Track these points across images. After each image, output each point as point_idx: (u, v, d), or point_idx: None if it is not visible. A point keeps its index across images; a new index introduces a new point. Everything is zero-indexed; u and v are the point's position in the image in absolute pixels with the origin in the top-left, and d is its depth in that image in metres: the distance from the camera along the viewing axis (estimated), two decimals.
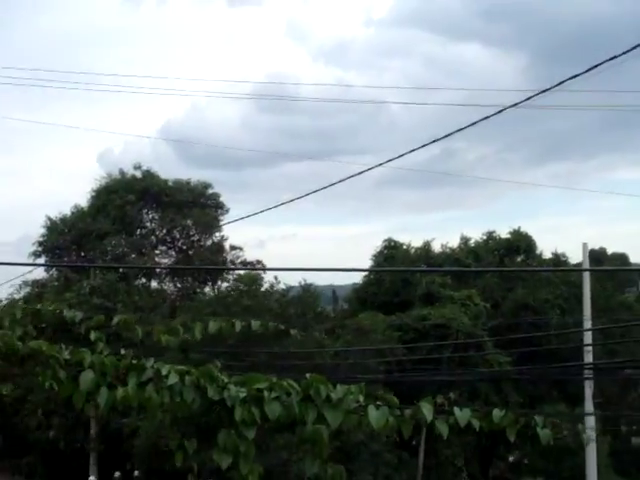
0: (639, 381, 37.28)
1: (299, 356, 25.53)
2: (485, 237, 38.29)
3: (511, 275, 35.33)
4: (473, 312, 31.25)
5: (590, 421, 27.78)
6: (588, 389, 27.63)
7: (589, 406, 27.95)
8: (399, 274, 36.62)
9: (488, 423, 5.90)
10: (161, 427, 26.82)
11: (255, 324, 7.15)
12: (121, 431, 26.81)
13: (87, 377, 4.98)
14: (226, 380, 5.36)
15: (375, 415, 5.40)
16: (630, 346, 36.74)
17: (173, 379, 5.15)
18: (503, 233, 38.04)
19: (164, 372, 5.17)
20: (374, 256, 38.23)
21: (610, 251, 73.49)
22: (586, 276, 26.66)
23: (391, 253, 37.92)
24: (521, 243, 36.93)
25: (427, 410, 5.54)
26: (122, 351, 5.40)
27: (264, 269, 31.88)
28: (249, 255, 35.00)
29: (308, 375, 5.56)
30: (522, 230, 37.59)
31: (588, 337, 27.54)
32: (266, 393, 5.28)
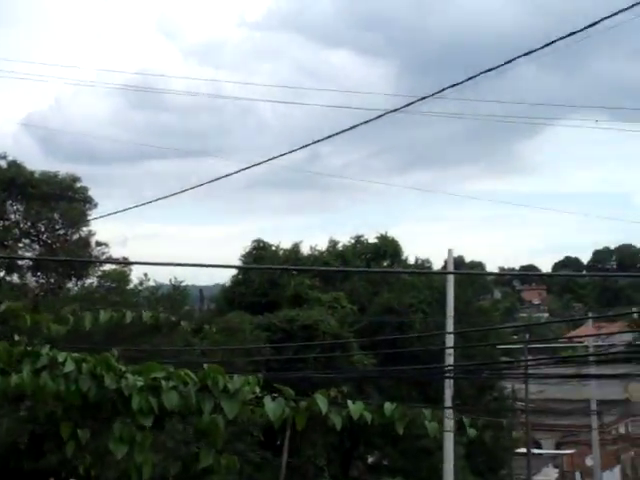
0: (494, 385, 38.85)
1: (166, 354, 25.27)
2: (353, 241, 38.97)
3: (377, 279, 36.08)
4: (340, 314, 31.71)
5: (449, 421, 28.69)
6: (448, 389, 28.47)
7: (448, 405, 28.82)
8: (267, 274, 36.77)
9: (380, 416, 6.08)
10: (20, 422, 26.00)
11: (146, 315, 7.11)
12: None
13: None
14: (123, 369, 5.31)
15: (272, 406, 5.48)
16: (486, 350, 38.26)
17: (70, 367, 5.07)
18: (371, 238, 38.86)
19: (60, 359, 5.08)
20: (243, 256, 38.19)
21: (467, 259, 76.06)
22: (450, 279, 27.52)
23: (260, 254, 37.99)
24: (388, 248, 37.77)
25: (322, 402, 5.66)
26: (16, 338, 5.27)
27: (144, 263, 31.24)
28: (114, 252, 34.32)
29: (205, 365, 5.58)
30: (389, 235, 38.53)
31: (450, 340, 28.40)
32: (164, 382, 5.27)
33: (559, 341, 64.95)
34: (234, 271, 38.25)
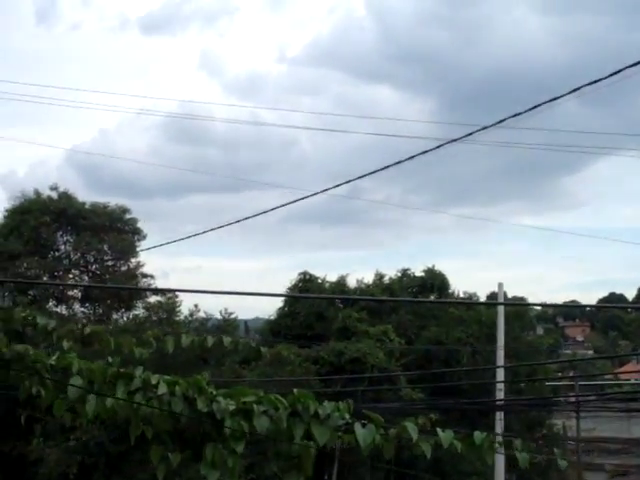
0: (543, 421, 38.21)
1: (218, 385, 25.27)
2: (400, 274, 38.81)
3: (424, 313, 35.86)
4: (388, 348, 31.49)
5: (499, 462, 28.18)
6: (499, 421, 28.01)
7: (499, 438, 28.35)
8: (314, 307, 36.73)
9: (469, 445, 5.94)
10: (68, 453, 26.08)
11: (226, 340, 7.07)
12: (24, 458, 25.89)
13: (76, 383, 4.81)
14: (214, 392, 5.26)
15: (362, 433, 5.37)
16: (535, 386, 37.73)
17: (163, 389, 5.03)
18: (417, 271, 38.68)
19: (153, 381, 5.04)
20: (289, 288, 38.15)
21: (510, 294, 75.41)
22: (501, 312, 27.26)
23: (306, 286, 37.94)
24: (435, 281, 37.55)
25: (412, 429, 5.54)
26: (109, 359, 5.24)
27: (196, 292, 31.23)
28: (159, 284, 34.53)
29: (295, 390, 5.50)
30: (436, 268, 38.31)
31: (500, 373, 28.05)
32: (255, 406, 5.20)
33: (606, 377, 63.99)
34: (279, 304, 38.29)
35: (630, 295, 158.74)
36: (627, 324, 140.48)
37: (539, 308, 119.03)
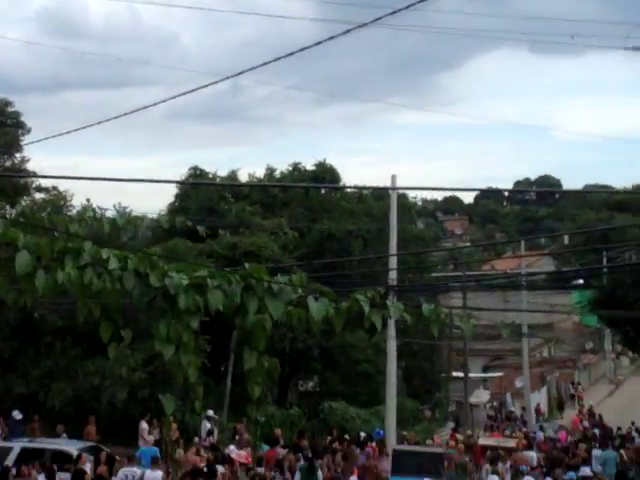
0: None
1: None
2: (291, 168, 38.59)
3: (317, 207, 36.01)
4: (282, 241, 31.60)
5: (392, 346, 29.02)
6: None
7: (391, 331, 29.11)
8: (205, 202, 36.35)
9: (418, 316, 5.97)
10: None
11: (163, 219, 6.83)
12: None
13: (23, 258, 4.53)
14: (166, 267, 5.09)
15: (316, 306, 5.32)
16: (424, 276, 38.85)
17: (114, 264, 4.81)
18: (308, 165, 38.52)
19: (104, 256, 4.81)
20: (180, 184, 37.58)
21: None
22: (394, 202, 27.51)
23: (197, 181, 37.41)
24: (326, 174, 37.54)
25: (364, 302, 5.53)
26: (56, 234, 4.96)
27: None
28: (42, 181, 33.27)
29: (247, 265, 5.39)
30: (327, 162, 38.25)
31: (393, 262, 28.53)
32: (209, 281, 5.07)
33: (484, 268, 66.52)
34: (169, 200, 37.72)
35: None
36: (503, 217, 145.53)
37: (420, 203, 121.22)
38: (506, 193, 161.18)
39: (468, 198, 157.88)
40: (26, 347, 25.66)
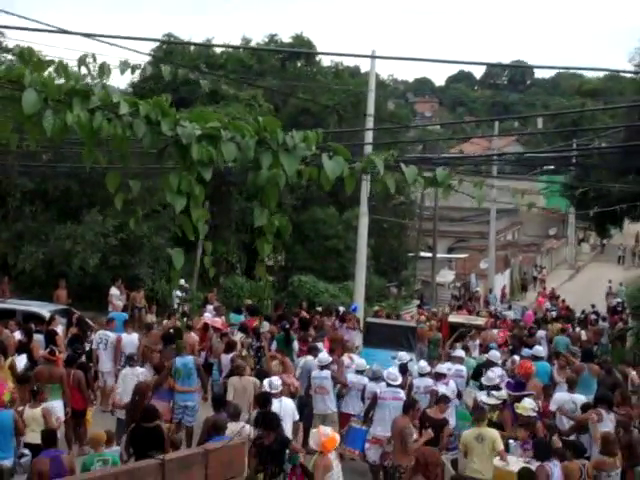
0: (403, 190, 39.46)
1: None
2: (267, 39, 37.64)
3: (293, 79, 35.31)
4: (257, 113, 31.05)
5: (363, 223, 29.06)
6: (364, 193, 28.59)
7: (363, 208, 29.11)
8: (178, 70, 35.39)
9: (431, 182, 5.79)
10: None
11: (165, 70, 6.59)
12: None
13: (31, 97, 4.23)
14: (178, 117, 4.82)
15: (330, 165, 5.12)
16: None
17: (124, 108, 4.53)
18: (285, 37, 37.61)
19: (115, 100, 4.53)
20: (153, 50, 36.56)
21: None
22: (372, 79, 27.11)
23: (171, 48, 36.40)
24: (303, 47, 36.69)
25: (379, 163, 5.34)
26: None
27: None
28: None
29: (260, 118, 5.14)
30: (304, 35, 37.36)
31: (369, 137, 28.27)
32: (223, 132, 4.83)
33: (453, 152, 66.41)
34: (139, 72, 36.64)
35: (478, 73, 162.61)
36: (472, 101, 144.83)
37: (391, 83, 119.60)
38: (478, 75, 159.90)
39: (439, 81, 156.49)
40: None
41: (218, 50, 37.08)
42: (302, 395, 14.04)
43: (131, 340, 16.29)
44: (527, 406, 12.16)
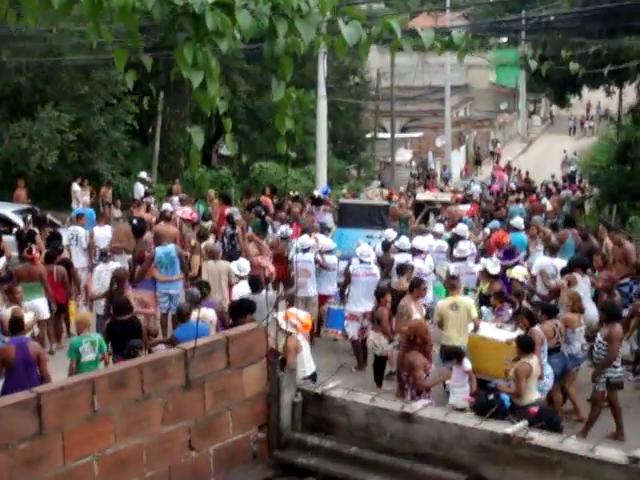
0: (357, 69, 38.90)
1: None
2: None
3: None
4: None
5: (322, 105, 28.69)
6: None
7: (321, 90, 28.68)
8: None
9: (447, 45, 5.57)
10: None
11: None
12: None
13: None
14: None
15: (347, 30, 4.87)
16: None
17: None
18: None
19: None
20: None
21: None
22: None
23: None
24: None
25: (396, 28, 5.10)
26: None
27: None
28: None
29: None
30: None
31: None
32: (236, 0, 4.54)
33: None
34: None
35: None
36: None
37: None
38: None
39: None
40: None
41: None
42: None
43: (104, 234, 16.05)
44: (521, 272, 12.36)
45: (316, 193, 21.67)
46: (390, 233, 15.40)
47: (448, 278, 12.93)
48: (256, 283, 12.02)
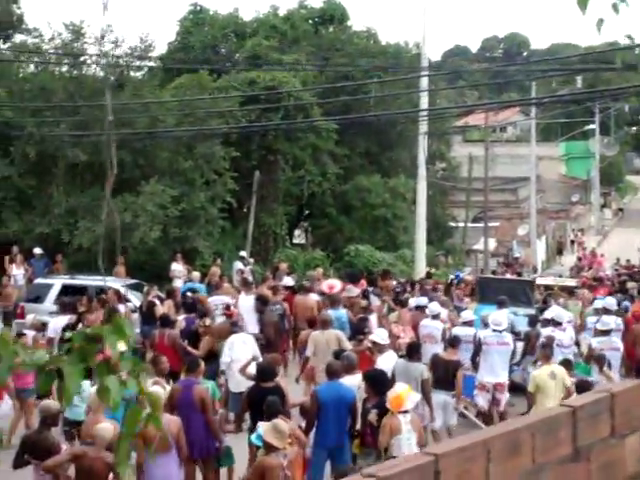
0: (444, 155, 38.40)
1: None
2: (297, 5, 36.38)
3: (328, 46, 34.11)
4: (301, 77, 29.90)
5: (422, 187, 28.05)
6: (422, 149, 27.57)
7: (422, 171, 28.07)
8: (208, 39, 34.34)
9: None
10: None
11: None
12: None
13: None
14: None
15: None
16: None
17: None
18: (316, 2, 36.40)
19: None
20: (179, 21, 35.41)
21: None
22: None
23: (197, 18, 35.16)
24: (335, 12, 35.46)
25: None
26: None
27: None
28: None
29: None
30: None
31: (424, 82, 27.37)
32: None
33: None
34: (169, 39, 35.61)
35: (474, 47, 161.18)
36: (471, 75, 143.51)
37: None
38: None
39: (435, 56, 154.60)
40: (46, 184, 24.04)
41: (247, 18, 35.81)
42: None
43: (249, 302, 15.31)
44: None
45: (451, 276, 20.80)
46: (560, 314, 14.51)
47: (588, 355, 12.94)
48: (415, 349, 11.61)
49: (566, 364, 12.11)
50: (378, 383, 9.67)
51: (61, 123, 23.93)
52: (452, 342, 12.70)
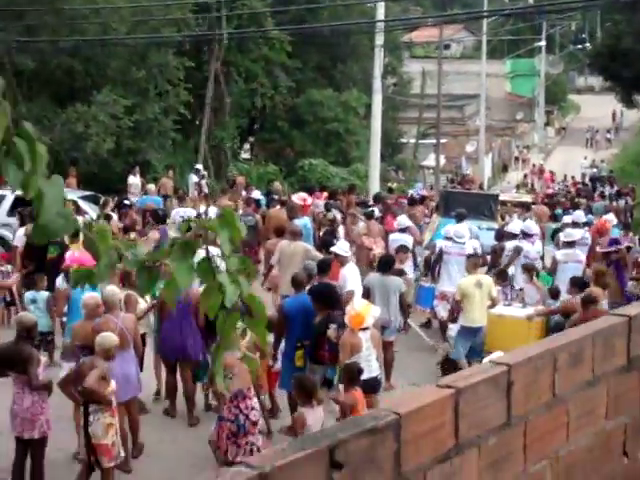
0: (396, 69, 37.99)
1: None
2: None
3: None
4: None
5: (377, 101, 27.66)
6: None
7: (377, 84, 27.64)
8: None
9: None
10: None
11: None
12: None
13: None
14: None
15: None
16: None
17: None
18: None
19: None
20: None
21: None
22: None
23: None
24: None
25: None
26: None
27: None
28: None
29: None
30: None
31: None
32: None
33: None
34: None
35: None
36: None
37: None
38: None
39: None
40: None
41: None
42: None
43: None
44: None
45: (411, 192, 20.68)
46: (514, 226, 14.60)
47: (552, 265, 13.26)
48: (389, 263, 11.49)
49: (529, 269, 12.46)
50: (324, 297, 9.44)
51: (6, 28, 22.90)
52: (399, 250, 13.14)
